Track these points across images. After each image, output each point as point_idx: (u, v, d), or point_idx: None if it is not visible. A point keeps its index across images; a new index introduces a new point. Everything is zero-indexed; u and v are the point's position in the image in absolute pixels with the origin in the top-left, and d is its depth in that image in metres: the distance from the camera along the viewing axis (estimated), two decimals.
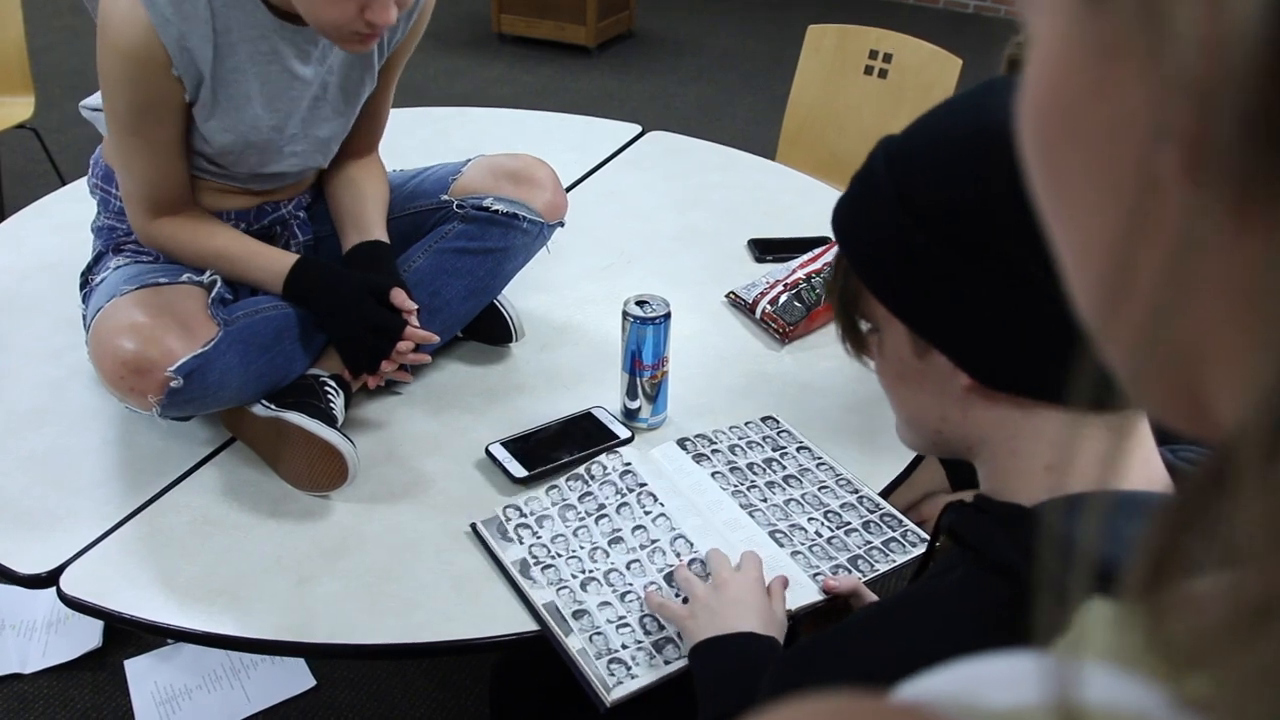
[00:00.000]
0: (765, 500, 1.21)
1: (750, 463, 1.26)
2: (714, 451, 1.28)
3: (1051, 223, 0.27)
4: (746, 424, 1.32)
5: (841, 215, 0.73)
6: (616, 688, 0.98)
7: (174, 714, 1.75)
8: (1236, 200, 0.20)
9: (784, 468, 1.26)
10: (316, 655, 1.56)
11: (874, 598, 1.06)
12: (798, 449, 1.29)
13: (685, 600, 1.02)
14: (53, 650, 1.85)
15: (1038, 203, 0.27)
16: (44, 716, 1.74)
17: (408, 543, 1.16)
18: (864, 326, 0.75)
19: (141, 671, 1.81)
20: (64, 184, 1.96)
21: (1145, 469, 0.68)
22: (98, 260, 1.34)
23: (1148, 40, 0.21)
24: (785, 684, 0.73)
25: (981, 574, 0.67)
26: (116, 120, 1.21)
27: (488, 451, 1.27)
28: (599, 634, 1.03)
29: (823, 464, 1.26)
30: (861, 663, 0.69)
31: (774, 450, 1.28)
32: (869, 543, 1.16)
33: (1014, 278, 0.63)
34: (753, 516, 1.18)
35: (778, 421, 1.33)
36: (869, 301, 0.72)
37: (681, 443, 1.28)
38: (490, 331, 1.47)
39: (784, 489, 1.22)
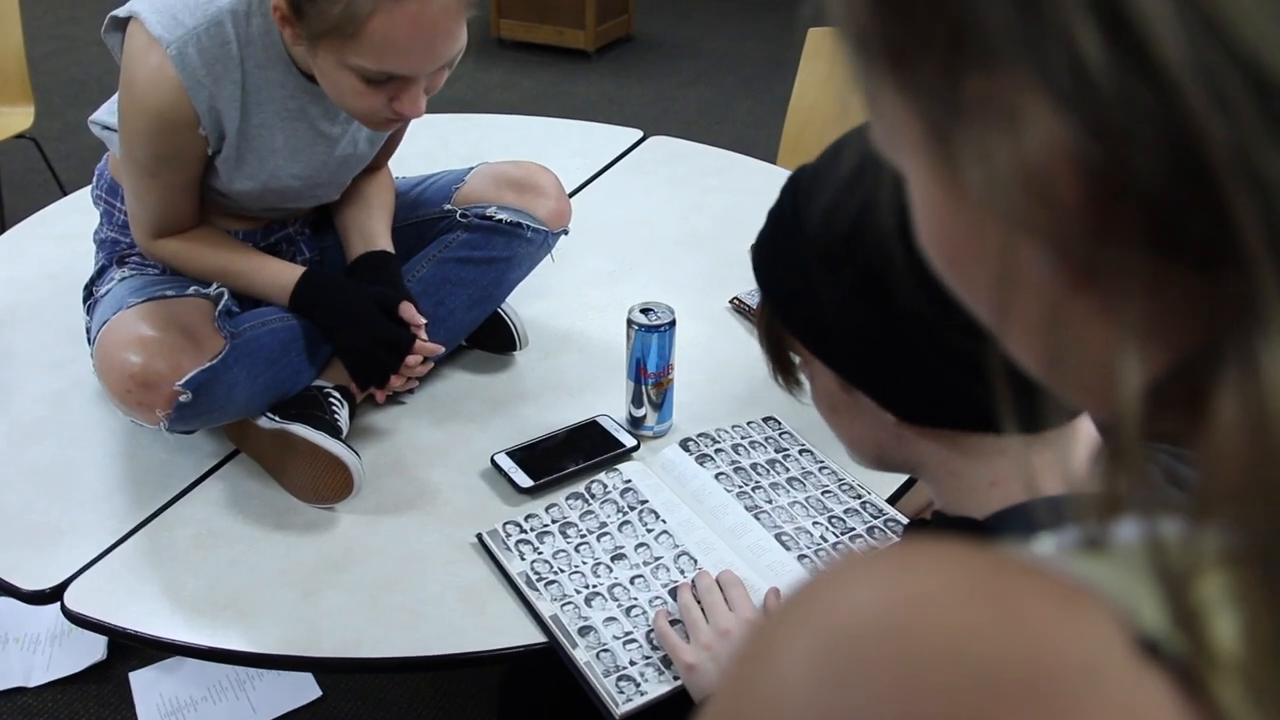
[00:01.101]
0: (770, 502, 1.20)
1: (754, 463, 1.26)
2: (717, 451, 1.27)
3: (960, 295, 0.35)
4: (749, 424, 1.32)
5: (756, 253, 0.72)
6: (626, 704, 0.97)
7: None
8: (1074, 275, 0.29)
9: (787, 470, 1.25)
10: (323, 670, 1.55)
11: None
12: (800, 451, 1.28)
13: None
14: (56, 663, 1.84)
15: (949, 286, 0.35)
16: None
17: (413, 554, 1.15)
18: (796, 360, 0.75)
19: (146, 684, 1.80)
20: (65, 194, 1.95)
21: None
22: (101, 273, 1.33)
23: (987, 191, 0.28)
24: None
25: None
26: (134, 163, 1.20)
27: (493, 461, 1.26)
28: (606, 650, 1.02)
29: (825, 468, 1.26)
30: None
31: (776, 451, 1.28)
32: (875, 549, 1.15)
33: (915, 318, 0.63)
34: (758, 519, 1.17)
35: (779, 422, 1.33)
36: (793, 338, 0.72)
37: (684, 444, 1.28)
38: (494, 340, 1.47)
39: (788, 491, 1.22)
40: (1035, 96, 0.26)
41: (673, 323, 1.27)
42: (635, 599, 1.08)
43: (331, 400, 1.27)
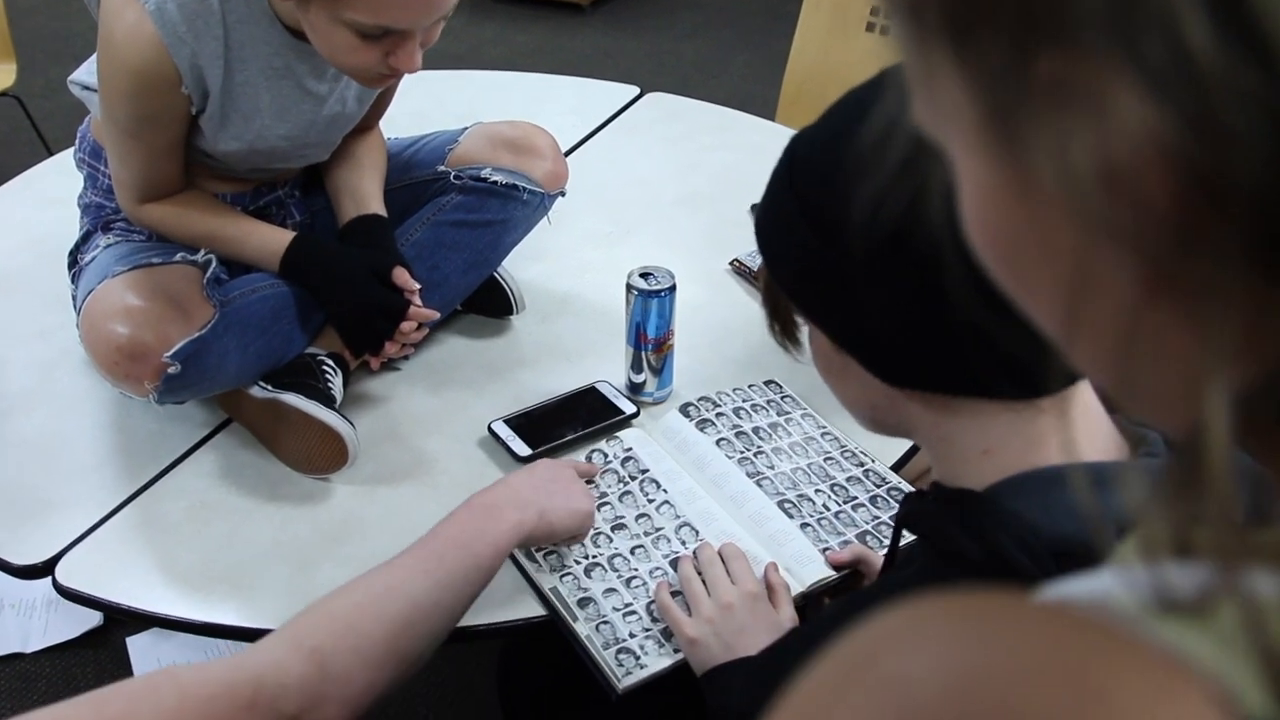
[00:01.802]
0: (772, 468, 1.18)
1: (756, 427, 1.24)
2: (718, 415, 1.25)
3: (1011, 293, 0.32)
4: (750, 386, 1.30)
5: (758, 216, 0.72)
6: (626, 677, 0.96)
7: None
8: (1155, 282, 0.26)
9: (789, 434, 1.23)
10: None
11: (881, 562, 1.04)
12: (802, 415, 1.26)
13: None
14: (54, 629, 1.83)
15: (995, 279, 0.32)
16: (47, 695, 1.73)
17: (411, 526, 1.13)
18: (799, 320, 0.75)
19: (144, 648, 1.79)
20: (50, 154, 1.91)
21: (1091, 440, 0.67)
22: (86, 239, 1.30)
23: (1060, 186, 0.26)
24: (756, 689, 0.72)
25: (938, 562, 0.67)
26: (115, 123, 1.16)
27: (490, 429, 1.24)
28: (606, 623, 1.01)
29: (827, 433, 1.24)
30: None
31: (778, 415, 1.26)
32: (877, 518, 1.13)
33: (903, 282, 0.62)
34: (760, 486, 1.16)
35: (780, 386, 1.30)
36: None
37: (685, 409, 1.25)
38: (490, 304, 1.44)
39: (790, 457, 1.20)
40: (1123, 81, 0.23)
41: (673, 287, 1.25)
42: (635, 570, 1.07)
43: (325, 368, 1.24)
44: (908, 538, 1.11)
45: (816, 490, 1.16)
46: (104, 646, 1.81)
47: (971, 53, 0.27)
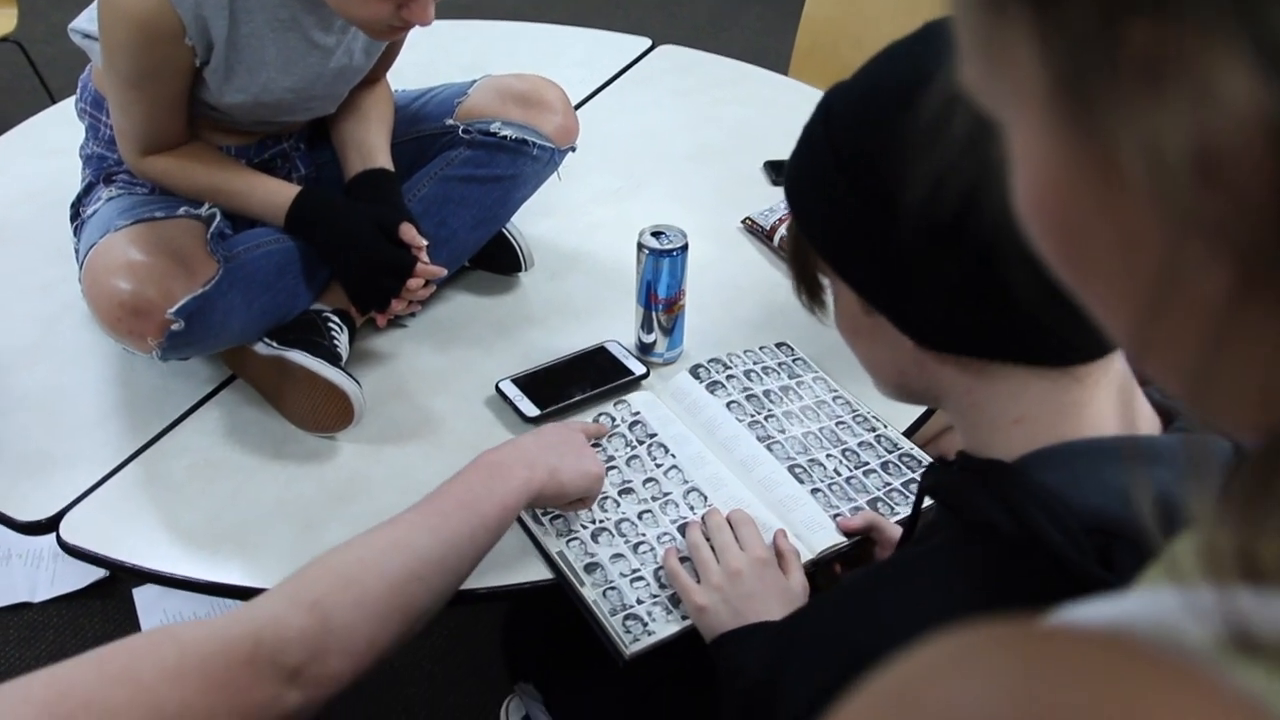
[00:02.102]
0: (783, 432, 1.17)
1: (766, 390, 1.22)
2: (729, 378, 1.23)
3: (1068, 281, 0.29)
4: (761, 348, 1.28)
5: (789, 169, 0.70)
6: (634, 644, 0.95)
7: None
8: (1247, 279, 0.23)
9: (800, 398, 1.22)
10: None
11: (894, 529, 1.03)
12: (814, 379, 1.24)
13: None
14: (61, 579, 1.84)
15: (1049, 265, 0.29)
16: (54, 645, 1.74)
17: (416, 486, 1.11)
18: (823, 280, 0.72)
19: (150, 600, 1.80)
20: (53, 101, 1.88)
21: (1125, 412, 0.65)
22: (88, 191, 1.27)
23: (1148, 173, 0.23)
24: (776, 654, 0.71)
25: (967, 535, 0.65)
26: (118, 75, 1.13)
27: (498, 388, 1.22)
28: (613, 588, 1.00)
29: (839, 398, 1.22)
30: (850, 634, 0.66)
31: (790, 378, 1.24)
32: (888, 484, 1.12)
33: (943, 240, 0.60)
34: (771, 450, 1.14)
35: (791, 349, 1.29)
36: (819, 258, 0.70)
37: (695, 370, 1.24)
38: (498, 260, 1.42)
39: (801, 421, 1.18)
40: (1231, 56, 0.21)
41: (685, 246, 1.22)
42: (643, 535, 1.06)
43: (331, 325, 1.22)
44: (928, 505, 1.10)
45: (828, 455, 1.15)
46: (110, 597, 1.82)
47: (1052, 17, 0.24)
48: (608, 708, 1.11)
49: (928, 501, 0.91)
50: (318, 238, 1.23)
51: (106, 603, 1.81)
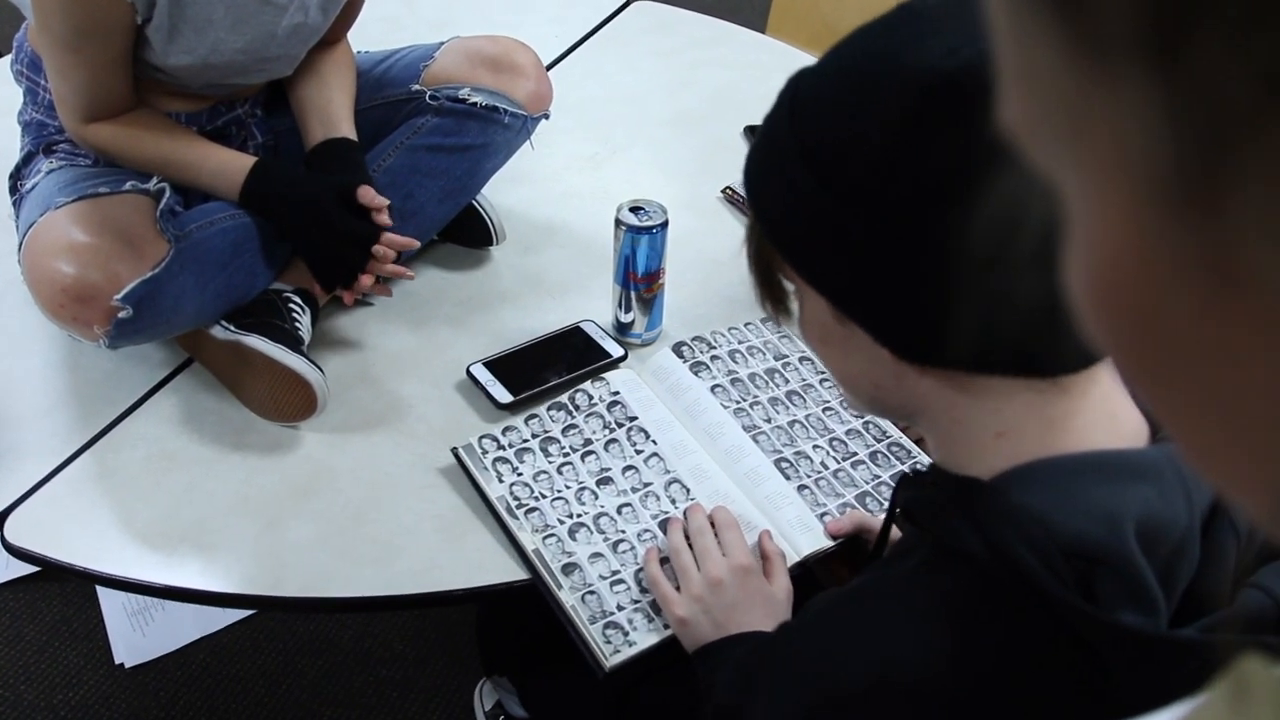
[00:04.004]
0: (769, 421, 1.12)
1: (752, 373, 1.17)
2: (713, 359, 1.18)
3: (1129, 376, 0.25)
4: (746, 325, 1.23)
5: (750, 169, 0.64)
6: (614, 655, 0.90)
7: (147, 625, 1.69)
8: None
9: (787, 381, 1.17)
10: (289, 610, 1.47)
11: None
12: (800, 359, 1.20)
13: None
14: (18, 561, 1.77)
15: (1106, 351, 0.25)
16: (11, 630, 1.68)
17: (385, 479, 1.07)
18: (788, 287, 0.66)
19: None
20: None
21: (1112, 424, 0.61)
22: (27, 161, 1.19)
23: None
24: (744, 680, 0.68)
25: (939, 560, 0.61)
26: (52, 36, 1.05)
27: (469, 373, 1.17)
28: (592, 593, 0.95)
29: (826, 380, 1.17)
30: (815, 667, 0.63)
31: (776, 359, 1.19)
32: (877, 477, 1.08)
33: (925, 242, 0.55)
34: (756, 441, 1.09)
35: (777, 324, 1.23)
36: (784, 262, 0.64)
37: (678, 349, 1.18)
38: (468, 234, 1.35)
39: (787, 407, 1.14)
40: None
41: (665, 223, 1.16)
42: (623, 532, 1.01)
43: (292, 306, 1.16)
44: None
45: (814, 446, 1.10)
46: (70, 580, 1.76)
47: (1191, 82, 0.19)
48: (583, 705, 1.07)
49: None
50: (275, 212, 1.16)
51: (65, 585, 1.74)
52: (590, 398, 1.14)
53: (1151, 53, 0.19)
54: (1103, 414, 0.61)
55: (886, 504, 1.05)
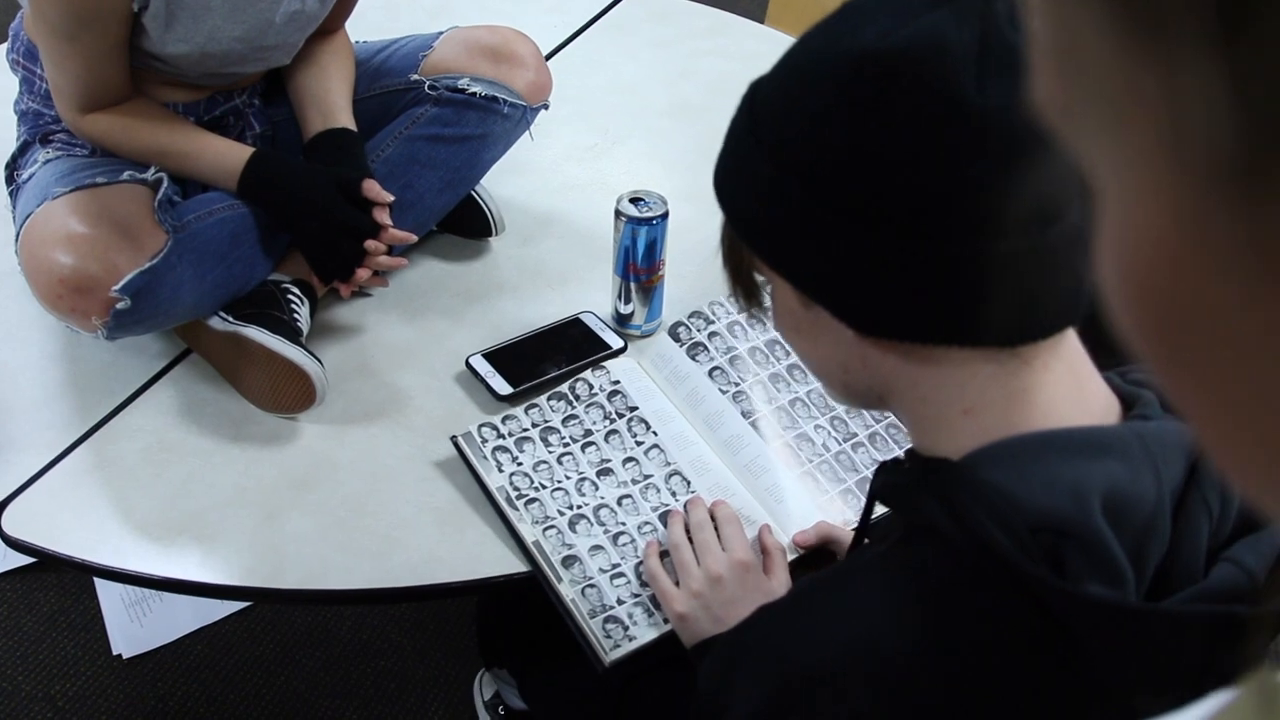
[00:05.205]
0: (770, 402, 1.11)
1: (752, 347, 1.16)
2: (711, 335, 1.17)
3: (1158, 370, 0.24)
4: None
5: (717, 173, 0.68)
6: (614, 650, 0.90)
7: (145, 615, 1.68)
8: None
9: (787, 354, 1.16)
10: (288, 602, 1.46)
11: (849, 537, 0.98)
12: None
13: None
14: (13, 551, 1.77)
15: (1133, 343, 0.24)
16: (9, 621, 1.68)
17: (384, 471, 1.07)
18: (758, 278, 0.70)
19: None
20: None
21: (1079, 398, 0.63)
22: (24, 150, 1.18)
23: None
24: (723, 664, 0.69)
25: (910, 539, 0.63)
26: (48, 25, 1.04)
27: (468, 364, 1.16)
28: (592, 586, 0.95)
29: None
30: (787, 646, 0.64)
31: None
32: (876, 462, 1.08)
33: (879, 222, 0.58)
34: (757, 428, 1.09)
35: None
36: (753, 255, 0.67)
37: (675, 331, 1.17)
38: (467, 225, 1.35)
39: (788, 384, 1.13)
40: None
41: (665, 215, 1.16)
42: (623, 524, 1.01)
43: (290, 297, 1.15)
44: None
45: (817, 426, 1.10)
46: (67, 570, 1.75)
47: (1262, 59, 0.18)
48: (583, 698, 1.07)
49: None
50: (274, 202, 1.15)
51: (63, 576, 1.74)
52: (591, 387, 1.13)
53: (1213, 33, 0.18)
54: (1069, 389, 0.63)
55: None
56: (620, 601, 0.94)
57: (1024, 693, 0.58)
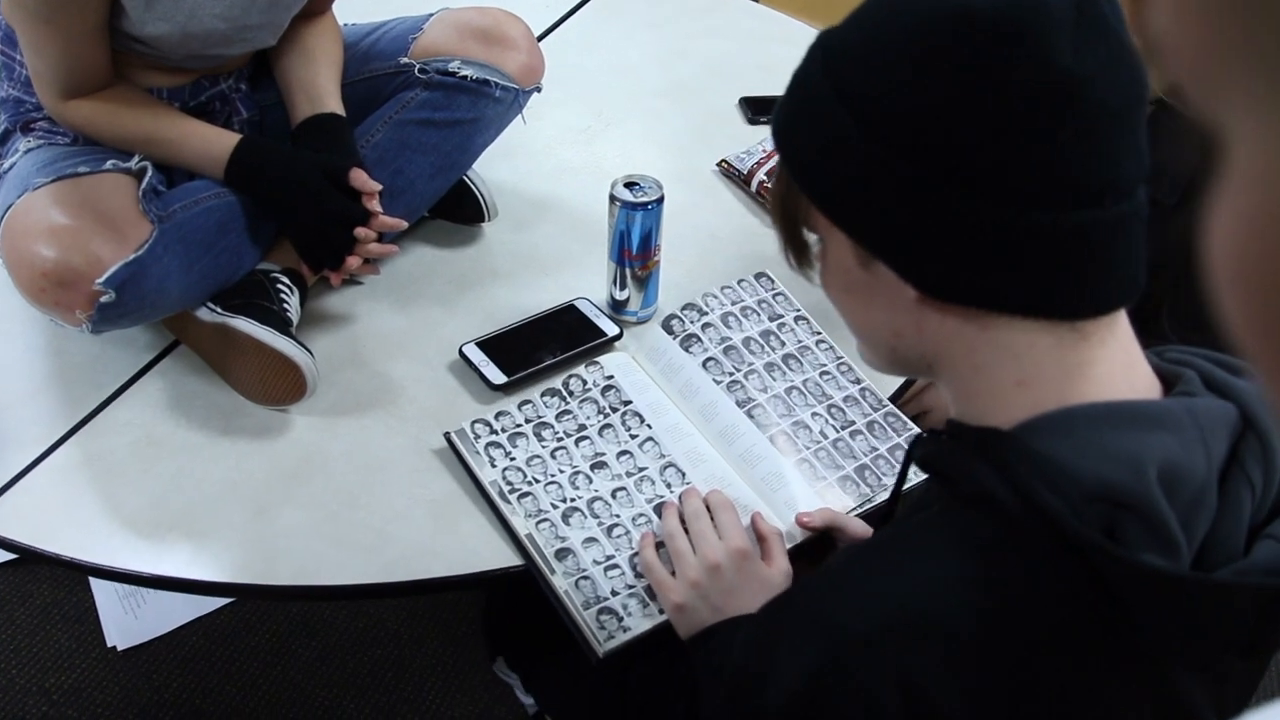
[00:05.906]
0: (765, 390, 1.10)
1: (746, 337, 1.14)
2: (705, 327, 1.15)
3: (1261, 356, 0.22)
4: (739, 283, 1.20)
5: (780, 119, 0.67)
6: (608, 641, 0.89)
7: (139, 607, 1.67)
8: None
9: (783, 344, 1.14)
10: (281, 598, 1.46)
11: (856, 525, 0.97)
12: (795, 318, 1.17)
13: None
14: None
15: (1234, 323, 0.22)
16: (2, 613, 1.66)
17: (377, 463, 1.05)
18: (809, 236, 0.69)
19: None
20: None
21: (1129, 375, 0.63)
22: (4, 139, 1.16)
23: None
24: (759, 642, 0.68)
25: (962, 507, 0.62)
26: (24, 8, 1.01)
27: (461, 353, 1.15)
28: (586, 578, 0.94)
29: (822, 342, 1.15)
30: (839, 612, 0.63)
31: (771, 320, 1.16)
32: (875, 449, 1.06)
33: (961, 182, 0.58)
34: (753, 417, 1.07)
35: (771, 280, 1.20)
36: (811, 210, 0.66)
37: (668, 324, 1.15)
38: (459, 210, 1.32)
39: (784, 372, 1.11)
40: None
41: (660, 199, 1.14)
42: (617, 517, 0.99)
43: (280, 286, 1.13)
44: (914, 480, 1.04)
45: (813, 414, 1.08)
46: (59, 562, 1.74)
47: None
48: (587, 690, 1.06)
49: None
50: (261, 190, 1.13)
51: (56, 569, 1.72)
52: (584, 383, 1.11)
53: None
54: (1122, 365, 0.63)
55: (883, 480, 1.03)
56: (614, 593, 0.93)
57: (1071, 658, 0.59)
